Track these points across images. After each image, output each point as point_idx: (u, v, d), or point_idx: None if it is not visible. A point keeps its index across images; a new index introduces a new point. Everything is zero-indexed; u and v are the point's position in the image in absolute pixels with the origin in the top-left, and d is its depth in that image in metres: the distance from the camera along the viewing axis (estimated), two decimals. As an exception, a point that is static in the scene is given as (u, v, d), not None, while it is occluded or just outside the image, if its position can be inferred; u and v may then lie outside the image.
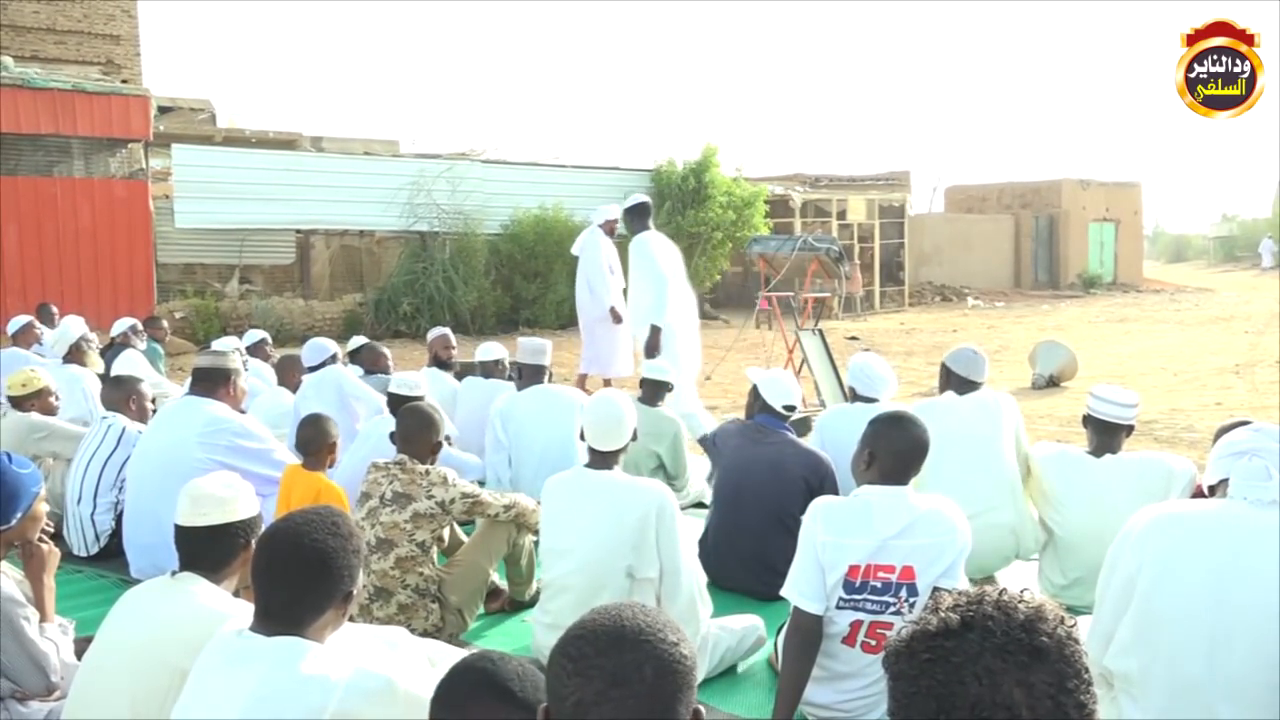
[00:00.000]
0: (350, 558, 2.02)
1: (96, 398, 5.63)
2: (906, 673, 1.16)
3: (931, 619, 1.17)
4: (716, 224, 19.08)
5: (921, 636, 1.16)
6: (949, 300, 24.91)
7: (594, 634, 1.31)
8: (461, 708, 1.61)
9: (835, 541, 2.78)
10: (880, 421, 2.94)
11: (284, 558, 1.97)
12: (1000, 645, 1.13)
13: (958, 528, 2.79)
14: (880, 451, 2.87)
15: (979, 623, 1.15)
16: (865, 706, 2.92)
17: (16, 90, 13.76)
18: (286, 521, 2.06)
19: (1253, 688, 2.14)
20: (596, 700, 1.26)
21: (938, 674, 1.13)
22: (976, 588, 1.24)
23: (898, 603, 2.76)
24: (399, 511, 3.60)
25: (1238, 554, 2.20)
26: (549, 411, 5.12)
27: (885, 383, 4.75)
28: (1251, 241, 56.31)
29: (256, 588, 1.99)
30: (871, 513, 2.79)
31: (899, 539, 2.75)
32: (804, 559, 2.83)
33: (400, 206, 16.68)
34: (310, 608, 1.97)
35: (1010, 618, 1.15)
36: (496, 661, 1.64)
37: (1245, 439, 2.42)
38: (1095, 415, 3.72)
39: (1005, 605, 1.17)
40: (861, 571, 2.76)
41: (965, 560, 2.82)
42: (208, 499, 2.38)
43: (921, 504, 2.81)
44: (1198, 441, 7.04)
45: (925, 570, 2.75)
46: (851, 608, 2.79)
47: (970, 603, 1.18)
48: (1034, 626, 1.15)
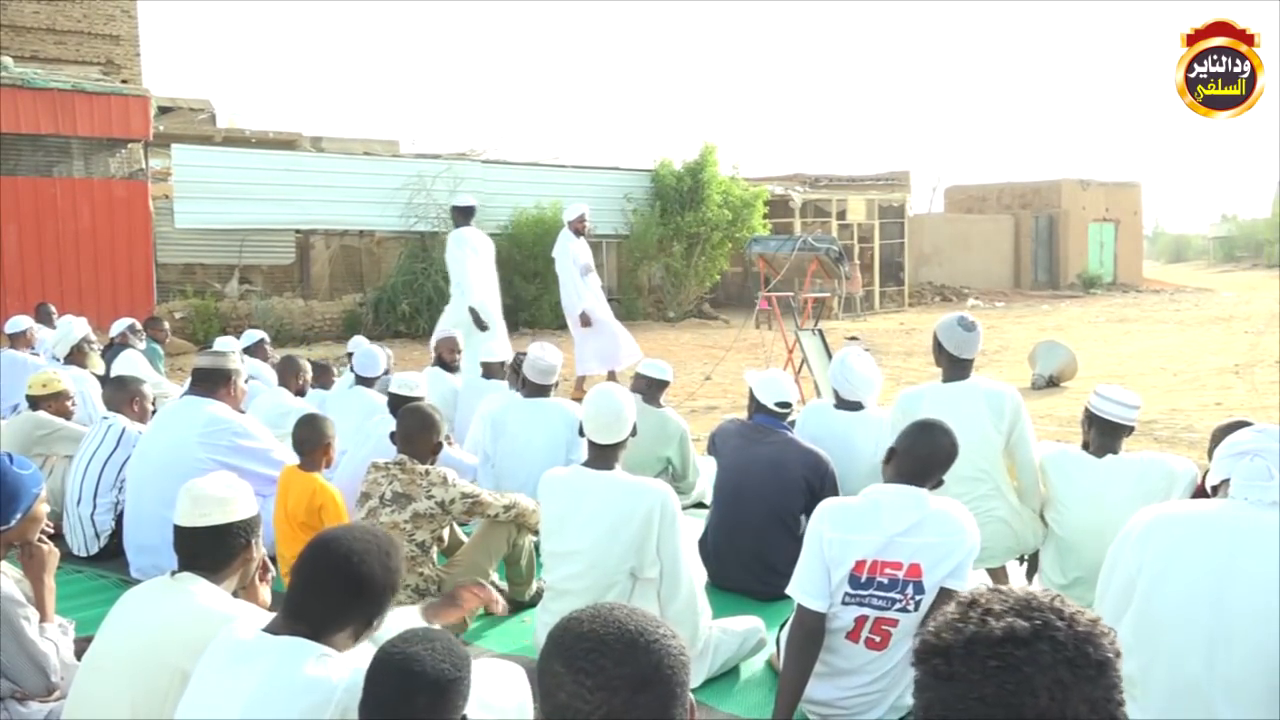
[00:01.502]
0: (389, 593, 2.05)
1: (97, 399, 5.63)
2: (965, 676, 1.13)
3: (994, 624, 1.14)
4: (715, 224, 19.08)
5: (987, 641, 1.13)
6: (949, 300, 24.92)
7: (605, 644, 1.31)
8: (378, 705, 1.71)
9: (842, 538, 2.80)
10: (912, 425, 2.99)
11: (330, 571, 1.99)
12: (1071, 658, 1.12)
13: (967, 529, 2.81)
14: (900, 451, 2.91)
15: (1047, 632, 1.13)
16: (865, 704, 2.93)
17: (16, 90, 13.76)
18: (344, 535, 2.07)
19: (1253, 688, 2.14)
20: (625, 708, 1.28)
21: (1008, 683, 1.11)
22: (1020, 588, 1.22)
23: (904, 600, 2.77)
24: (399, 511, 3.60)
25: (1238, 554, 2.20)
26: (543, 426, 4.78)
27: (868, 384, 4.47)
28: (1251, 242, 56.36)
29: (293, 586, 2.01)
30: (880, 510, 2.82)
31: (906, 536, 2.77)
32: (809, 557, 2.85)
33: (400, 207, 16.69)
34: (334, 623, 1.99)
35: (1074, 628, 1.14)
36: (405, 647, 1.74)
37: (1247, 439, 2.42)
38: (1099, 414, 3.70)
39: (1067, 614, 1.16)
40: (868, 567, 2.78)
41: (973, 562, 2.82)
42: (208, 499, 2.38)
43: (931, 504, 2.83)
44: (1197, 442, 7.03)
45: (932, 569, 2.76)
46: (857, 603, 2.81)
47: (1031, 608, 1.16)
48: (1096, 639, 1.14)
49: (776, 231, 19.80)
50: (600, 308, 9.57)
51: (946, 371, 4.02)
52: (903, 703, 2.97)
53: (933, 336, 4.08)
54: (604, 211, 18.73)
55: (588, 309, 9.39)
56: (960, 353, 3.98)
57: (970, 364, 4.02)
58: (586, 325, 9.42)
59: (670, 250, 19.07)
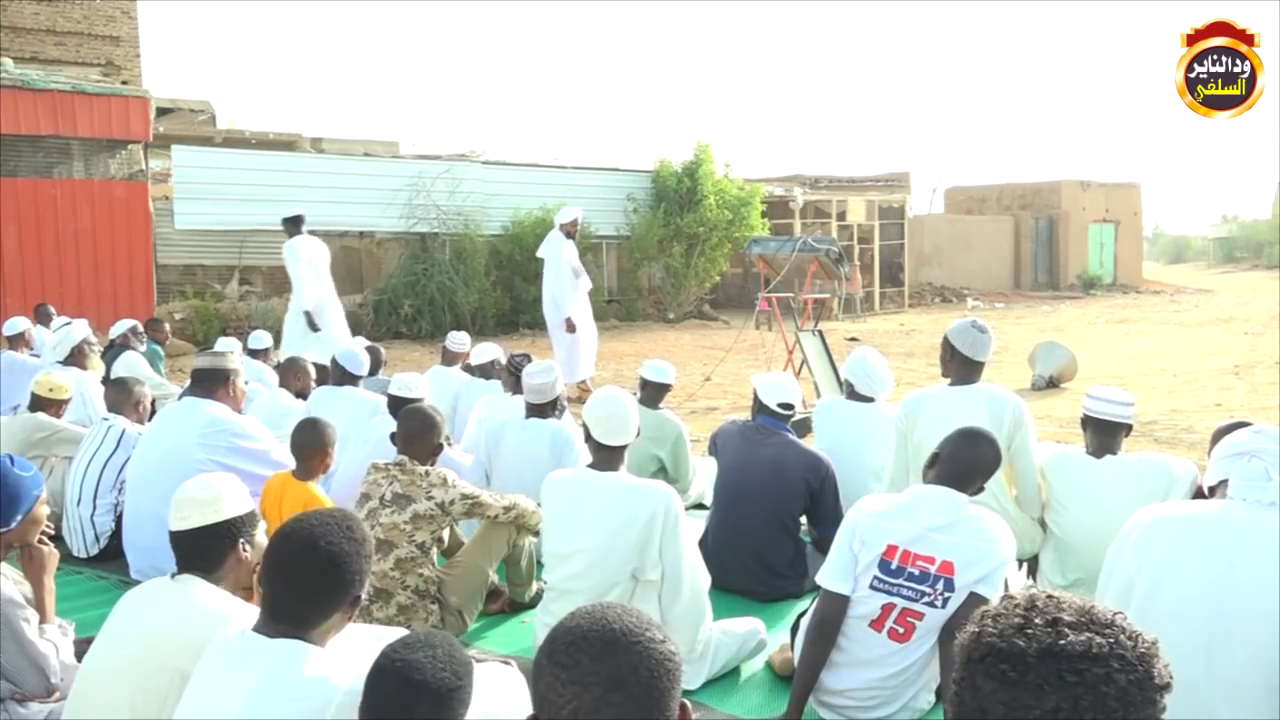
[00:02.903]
0: (362, 563, 2.03)
1: (98, 401, 5.63)
2: (1035, 685, 1.13)
3: (1072, 638, 1.15)
4: (713, 224, 19.06)
5: (1065, 655, 1.14)
6: (949, 301, 24.92)
7: (585, 640, 1.31)
8: (380, 708, 1.70)
9: (877, 523, 2.87)
10: (960, 431, 3.04)
11: (296, 559, 1.98)
12: (1139, 679, 1.13)
13: (1003, 540, 2.85)
14: (945, 456, 2.97)
15: (1118, 650, 1.15)
16: (879, 699, 2.93)
17: (16, 91, 13.75)
18: (301, 522, 2.05)
19: (1252, 689, 2.14)
20: (596, 706, 1.27)
21: (1083, 699, 1.12)
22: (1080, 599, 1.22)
23: (933, 594, 2.80)
24: (399, 513, 3.60)
25: (1237, 555, 2.20)
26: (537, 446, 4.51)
27: (884, 382, 4.73)
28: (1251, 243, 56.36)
29: (266, 586, 1.99)
30: (919, 504, 2.89)
31: (941, 533, 2.81)
32: (839, 544, 2.93)
33: (400, 208, 16.68)
34: (319, 610, 1.97)
35: (1137, 647, 1.16)
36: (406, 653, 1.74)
37: (1246, 440, 2.42)
38: (1092, 415, 3.71)
39: (1131, 631, 1.17)
40: (899, 555, 2.82)
41: (1005, 573, 2.85)
42: (187, 503, 2.38)
43: (970, 509, 2.88)
44: (1197, 442, 7.03)
45: (964, 569, 2.78)
46: (886, 591, 2.84)
47: (1099, 623, 1.17)
48: (1154, 660, 1.16)
49: (777, 232, 19.81)
50: (583, 317, 9.63)
51: (957, 375, 3.99)
52: (916, 704, 2.98)
53: (943, 343, 4.05)
54: (604, 212, 18.72)
55: (572, 316, 9.48)
56: (974, 354, 3.96)
57: (981, 367, 4.00)
58: (571, 331, 9.47)
59: (670, 251, 19.07)
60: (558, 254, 9.60)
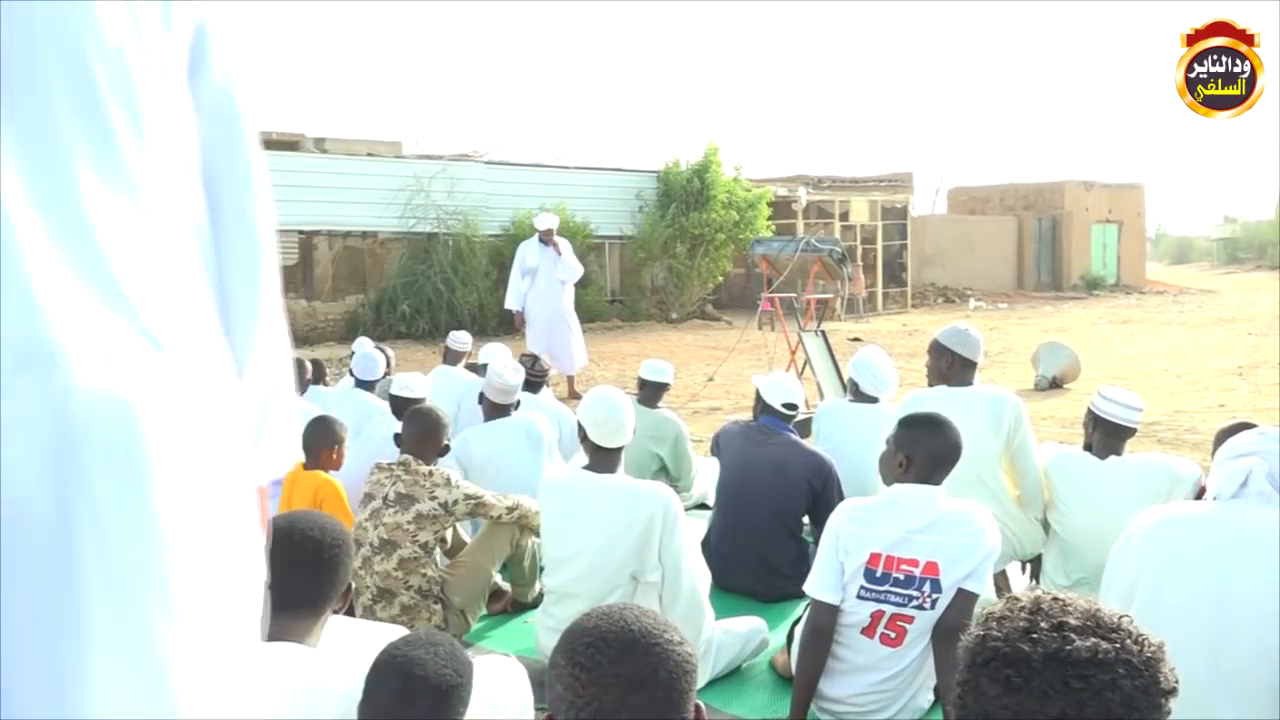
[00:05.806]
0: (345, 547, 2.06)
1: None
2: (1040, 690, 1.13)
3: (1079, 643, 1.15)
4: (719, 225, 19.06)
5: (1071, 661, 1.14)
6: (952, 302, 24.90)
7: (604, 641, 1.32)
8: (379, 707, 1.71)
9: (857, 531, 2.85)
10: (915, 425, 2.97)
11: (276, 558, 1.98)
12: (1145, 686, 1.14)
13: (986, 531, 2.83)
14: (917, 454, 2.90)
15: (1124, 655, 1.15)
16: (879, 703, 2.94)
17: (20, 92, 13.77)
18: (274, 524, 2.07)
19: (1256, 689, 2.14)
20: (616, 707, 1.28)
21: (1088, 704, 1.12)
22: (1085, 601, 1.22)
23: (921, 597, 2.79)
24: (402, 513, 3.61)
25: (1240, 555, 2.20)
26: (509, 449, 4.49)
27: (889, 382, 4.74)
28: (1254, 243, 56.30)
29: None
30: (898, 507, 2.86)
31: (922, 534, 2.80)
32: (824, 552, 2.91)
33: (403, 208, 16.69)
34: (308, 606, 1.98)
35: (1143, 652, 1.16)
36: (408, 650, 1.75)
37: (1249, 441, 2.42)
38: (1102, 416, 3.69)
39: (1137, 636, 1.17)
40: (883, 561, 2.80)
41: (993, 565, 2.84)
42: None
43: (950, 505, 2.86)
44: (1200, 443, 7.02)
45: (950, 568, 2.78)
46: (874, 599, 2.83)
47: (1105, 627, 1.17)
48: (1160, 665, 1.16)
49: (780, 232, 19.78)
50: (538, 311, 9.81)
51: (957, 377, 4.04)
52: (916, 704, 2.98)
53: (935, 350, 4.09)
54: (607, 212, 18.72)
55: (516, 309, 9.89)
56: (971, 355, 4.03)
57: (976, 367, 4.07)
58: (521, 325, 9.92)
59: (674, 251, 19.07)
60: (518, 251, 10.04)
